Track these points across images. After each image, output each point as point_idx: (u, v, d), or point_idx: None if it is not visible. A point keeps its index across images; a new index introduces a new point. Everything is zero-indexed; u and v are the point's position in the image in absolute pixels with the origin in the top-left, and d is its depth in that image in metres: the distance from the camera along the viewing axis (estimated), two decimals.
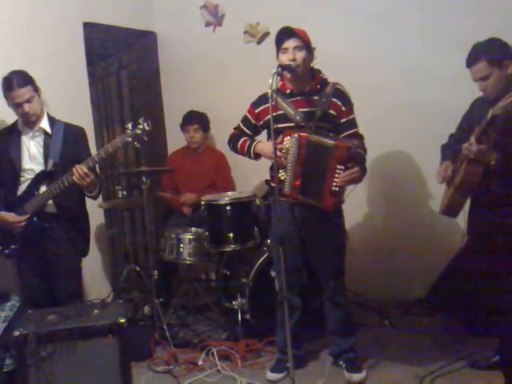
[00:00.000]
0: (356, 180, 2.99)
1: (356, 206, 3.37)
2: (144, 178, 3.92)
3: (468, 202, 3.09)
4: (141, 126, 3.24)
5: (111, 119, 5.14)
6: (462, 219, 3.17)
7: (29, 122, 3.31)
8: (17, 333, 2.68)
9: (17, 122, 3.39)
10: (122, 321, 2.79)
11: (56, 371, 2.70)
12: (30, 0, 3.87)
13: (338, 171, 2.93)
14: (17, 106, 3.25)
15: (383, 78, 4.16)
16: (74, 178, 3.17)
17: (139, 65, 5.05)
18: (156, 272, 3.92)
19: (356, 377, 3.23)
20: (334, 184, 2.94)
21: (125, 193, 4.44)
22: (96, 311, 2.91)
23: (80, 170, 3.16)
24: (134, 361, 3.12)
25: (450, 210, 3.11)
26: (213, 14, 4.81)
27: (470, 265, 3.30)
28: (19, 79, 3.21)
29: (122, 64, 5.08)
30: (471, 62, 2.92)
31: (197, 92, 4.91)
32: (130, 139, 3.25)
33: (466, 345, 3.46)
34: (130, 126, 3.27)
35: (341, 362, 3.33)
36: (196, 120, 4.57)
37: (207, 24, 4.85)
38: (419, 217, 4.20)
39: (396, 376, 3.23)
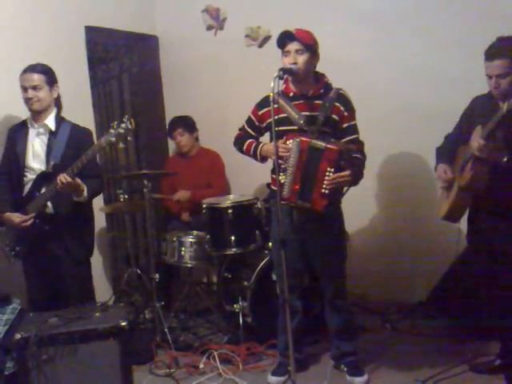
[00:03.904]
0: (346, 184, 3.01)
1: (357, 208, 3.37)
2: (145, 181, 3.92)
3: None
4: (123, 125, 3.14)
5: (113, 122, 5.14)
6: (463, 222, 3.17)
7: (32, 111, 3.30)
8: (18, 336, 2.68)
9: (28, 118, 3.39)
10: (124, 324, 2.79)
11: (57, 374, 2.70)
12: (31, 4, 3.87)
13: (327, 173, 2.93)
14: (23, 91, 3.27)
15: (383, 80, 4.17)
16: (57, 186, 3.14)
17: (141, 68, 5.05)
18: (157, 275, 3.91)
19: (358, 380, 3.23)
20: (324, 186, 2.95)
21: (126, 196, 4.44)
22: (97, 314, 2.91)
23: (64, 179, 3.11)
24: (135, 364, 3.13)
25: (453, 214, 3.06)
26: (214, 17, 4.81)
27: (470, 270, 3.30)
28: (36, 66, 3.28)
29: (124, 67, 5.08)
30: (491, 56, 2.79)
31: (198, 95, 4.92)
32: (113, 139, 3.14)
33: (468, 348, 3.46)
34: (114, 124, 3.18)
35: (342, 366, 3.34)
36: (178, 124, 4.60)
37: (208, 28, 4.86)
38: (420, 219, 4.20)
39: (397, 379, 3.24)
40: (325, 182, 2.94)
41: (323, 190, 2.95)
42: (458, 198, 2.99)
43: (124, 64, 5.03)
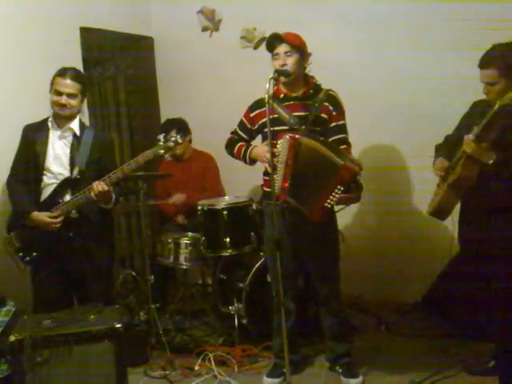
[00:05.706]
0: (349, 203, 3.01)
1: (351, 209, 3.37)
2: (140, 183, 3.92)
3: (457, 211, 3.09)
4: (174, 139, 3.20)
5: (108, 124, 5.14)
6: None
7: (60, 116, 3.26)
8: (12, 338, 2.68)
9: (48, 118, 3.34)
10: (118, 326, 2.79)
11: (52, 376, 2.70)
12: (25, 5, 3.86)
13: (336, 190, 2.91)
14: (56, 95, 3.22)
15: (374, 82, 4.18)
16: (92, 194, 3.12)
17: (136, 69, 5.05)
18: (152, 277, 3.91)
19: (353, 382, 3.23)
20: (328, 201, 2.93)
21: (121, 198, 4.43)
22: (92, 316, 2.91)
23: (100, 186, 3.10)
24: (130, 366, 3.12)
25: (440, 210, 3.05)
26: (209, 19, 4.82)
27: (464, 271, 3.30)
28: (74, 72, 3.24)
29: (119, 69, 5.09)
30: (482, 64, 2.85)
31: (193, 96, 4.92)
32: (162, 151, 3.20)
33: (462, 350, 3.47)
34: (161, 137, 3.21)
35: (337, 367, 3.34)
36: (171, 127, 4.53)
37: (204, 29, 4.86)
38: (415, 220, 4.21)
39: (392, 381, 3.24)
40: (330, 197, 2.92)
41: (326, 204, 2.94)
42: (445, 194, 2.99)
43: (119, 65, 5.03)
